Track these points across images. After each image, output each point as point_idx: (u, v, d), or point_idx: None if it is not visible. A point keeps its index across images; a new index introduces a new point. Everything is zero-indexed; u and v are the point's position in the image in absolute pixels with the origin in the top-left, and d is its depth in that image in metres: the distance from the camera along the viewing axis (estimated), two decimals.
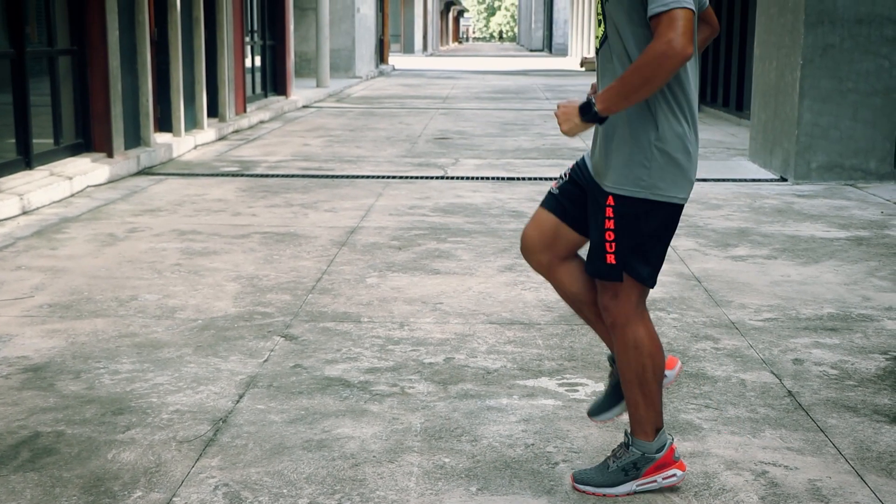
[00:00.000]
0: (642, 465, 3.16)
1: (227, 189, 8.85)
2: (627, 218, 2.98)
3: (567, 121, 2.94)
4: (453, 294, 5.45)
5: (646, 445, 3.15)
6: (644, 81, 2.74)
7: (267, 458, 3.40)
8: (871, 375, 4.24)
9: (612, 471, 3.17)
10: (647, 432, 3.15)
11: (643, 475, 3.17)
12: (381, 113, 16.89)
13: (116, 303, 5.21)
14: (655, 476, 3.17)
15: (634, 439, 3.17)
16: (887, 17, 9.15)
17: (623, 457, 3.17)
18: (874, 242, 6.81)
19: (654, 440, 3.15)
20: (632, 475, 3.16)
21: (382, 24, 33.65)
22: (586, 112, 2.88)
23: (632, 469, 3.16)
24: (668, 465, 3.17)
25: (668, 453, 3.17)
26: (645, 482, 3.17)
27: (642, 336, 3.09)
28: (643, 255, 3.03)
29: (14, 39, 8.32)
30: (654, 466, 3.16)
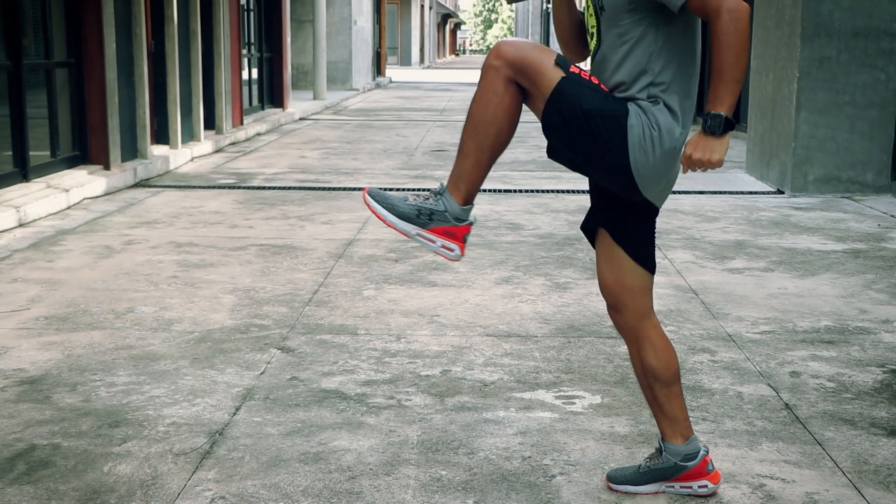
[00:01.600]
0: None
1: (224, 201, 8.85)
2: None
3: (711, 151, 2.82)
4: (450, 306, 5.44)
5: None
6: (738, 54, 2.73)
7: (263, 471, 3.39)
8: (868, 388, 4.24)
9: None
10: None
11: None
12: (378, 125, 16.91)
13: (113, 315, 5.21)
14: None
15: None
16: (884, 30, 9.17)
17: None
18: (871, 255, 6.81)
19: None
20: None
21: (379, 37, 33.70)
22: (717, 127, 2.79)
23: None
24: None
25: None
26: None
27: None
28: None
29: (11, 51, 8.32)
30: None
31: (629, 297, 3.13)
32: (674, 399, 3.18)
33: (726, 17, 2.71)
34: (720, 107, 2.77)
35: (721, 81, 2.76)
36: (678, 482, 3.22)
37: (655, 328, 3.18)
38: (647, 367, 3.17)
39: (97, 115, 9.61)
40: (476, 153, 3.01)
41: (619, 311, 3.17)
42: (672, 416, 3.19)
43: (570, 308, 5.39)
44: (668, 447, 3.21)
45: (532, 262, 6.48)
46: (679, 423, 3.20)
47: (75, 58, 9.46)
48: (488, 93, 2.94)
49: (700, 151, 2.80)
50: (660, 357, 3.15)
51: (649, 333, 3.16)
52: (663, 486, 3.23)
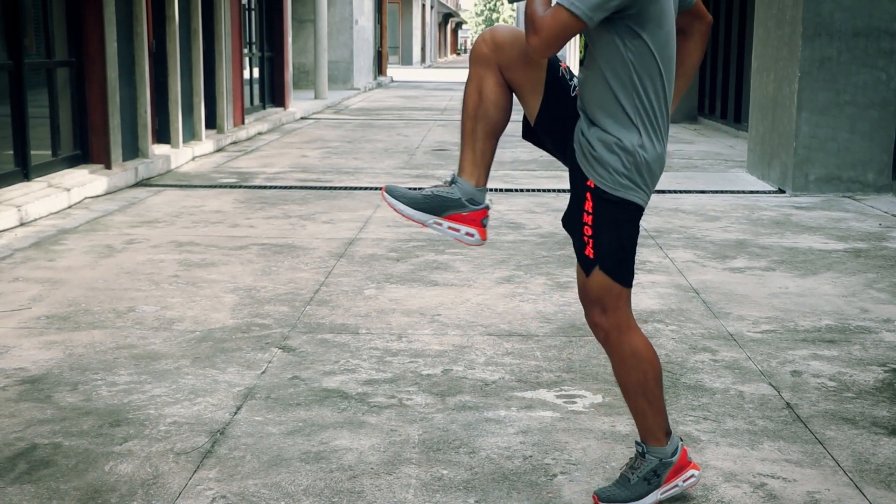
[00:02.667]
0: (662, 471, 3.15)
1: (225, 200, 8.85)
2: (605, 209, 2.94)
3: None
4: (451, 305, 5.44)
5: (661, 451, 3.15)
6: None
7: (264, 470, 3.39)
8: (869, 387, 4.24)
9: (635, 483, 3.15)
10: (660, 438, 3.14)
11: (665, 482, 3.16)
12: (380, 125, 16.90)
13: (114, 314, 5.21)
14: (676, 480, 3.16)
15: (648, 447, 3.16)
16: (884, 29, 9.17)
17: (641, 467, 3.15)
18: (872, 254, 6.81)
19: (668, 444, 3.15)
20: (654, 483, 3.15)
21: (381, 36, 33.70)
22: None
23: (653, 477, 3.15)
24: (686, 468, 3.18)
25: (682, 455, 3.18)
26: (668, 488, 3.16)
27: (638, 344, 3.07)
28: (622, 250, 3.00)
29: (12, 51, 8.32)
30: (673, 471, 3.16)
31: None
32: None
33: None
34: None
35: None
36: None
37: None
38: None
39: (98, 115, 9.61)
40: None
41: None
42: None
43: (571, 307, 5.39)
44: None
45: (533, 262, 6.48)
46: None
47: (76, 57, 9.46)
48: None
49: None
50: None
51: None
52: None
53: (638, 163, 2.89)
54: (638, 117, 2.88)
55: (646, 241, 7.07)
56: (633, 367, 3.08)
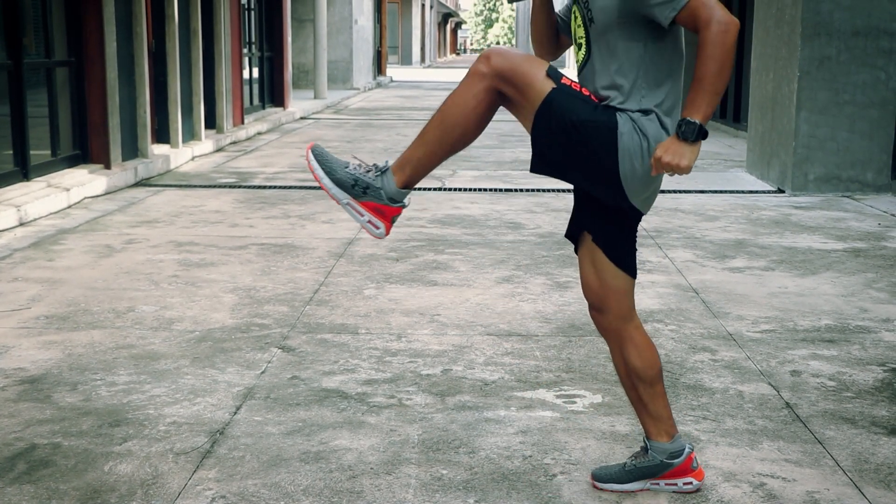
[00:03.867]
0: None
1: (225, 200, 8.85)
2: None
3: (679, 156, 2.80)
4: (451, 305, 5.44)
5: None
6: (721, 67, 2.74)
7: (264, 470, 3.39)
8: (868, 387, 4.24)
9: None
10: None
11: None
12: (379, 124, 16.91)
13: (113, 314, 5.21)
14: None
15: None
16: (883, 29, 9.17)
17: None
18: (871, 254, 6.81)
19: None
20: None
21: (380, 36, 33.70)
22: (691, 134, 2.78)
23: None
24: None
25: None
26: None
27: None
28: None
29: (11, 51, 8.32)
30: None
31: (613, 299, 3.15)
32: (657, 398, 3.21)
33: (715, 28, 2.72)
34: (696, 115, 2.78)
35: (701, 90, 2.77)
36: (663, 479, 3.23)
37: (638, 329, 3.20)
38: (630, 367, 3.19)
39: (98, 114, 9.61)
40: (434, 146, 3.04)
41: (603, 312, 3.19)
42: (656, 415, 3.22)
43: (570, 307, 5.39)
44: (653, 445, 3.23)
45: (533, 262, 6.48)
46: (663, 421, 3.22)
47: (76, 57, 9.46)
48: (467, 94, 2.97)
49: (670, 155, 2.80)
50: (643, 357, 3.18)
51: (632, 334, 3.18)
52: (648, 484, 3.24)
53: None
54: None
55: (645, 241, 7.07)
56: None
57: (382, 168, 3.08)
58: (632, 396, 3.26)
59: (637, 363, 3.17)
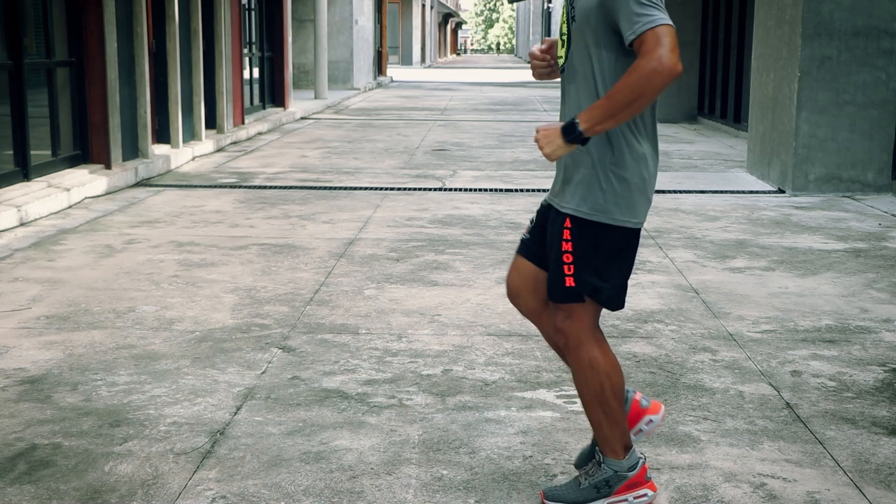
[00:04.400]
0: (614, 483, 3.12)
1: (225, 200, 8.85)
2: (585, 240, 2.95)
3: (549, 143, 2.84)
4: (451, 306, 5.44)
5: (617, 464, 3.11)
6: (634, 99, 2.68)
7: (264, 471, 3.39)
8: (869, 387, 4.24)
9: (585, 488, 3.14)
10: (617, 451, 3.11)
11: (615, 493, 3.13)
12: (379, 125, 16.91)
13: (114, 314, 5.21)
14: (627, 495, 3.13)
15: (606, 458, 3.13)
16: (884, 29, 9.17)
17: (595, 474, 3.14)
18: (872, 254, 6.81)
19: (625, 458, 3.12)
20: (604, 493, 3.13)
21: (381, 36, 33.70)
22: (570, 132, 2.78)
23: (604, 487, 3.13)
24: (640, 485, 3.14)
25: (640, 472, 3.14)
26: (616, 500, 3.13)
27: (597, 355, 3.04)
28: (601, 275, 2.98)
29: (12, 51, 8.32)
30: (626, 485, 3.13)
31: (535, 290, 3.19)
32: None
33: (653, 64, 2.65)
34: (585, 123, 2.76)
35: (604, 105, 2.73)
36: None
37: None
38: None
39: (98, 115, 9.61)
40: (607, 417, 3.07)
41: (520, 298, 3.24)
42: None
43: None
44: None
45: None
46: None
47: (76, 57, 9.46)
48: (587, 359, 3.04)
49: (543, 137, 2.85)
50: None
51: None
52: None
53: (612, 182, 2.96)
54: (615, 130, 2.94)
55: (646, 241, 7.07)
56: (591, 378, 3.05)
57: (599, 459, 3.13)
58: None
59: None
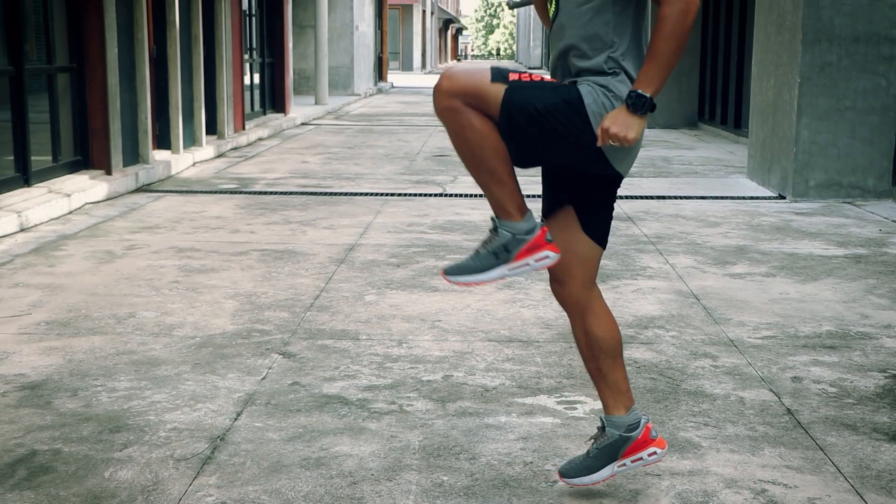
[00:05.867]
0: (513, 246, 3.02)
1: (226, 206, 8.86)
2: None
3: (627, 127, 2.81)
4: (452, 311, 5.44)
5: (514, 226, 3.01)
6: (677, 45, 2.77)
7: (265, 477, 3.38)
8: (870, 393, 4.23)
9: (483, 255, 3.04)
10: (511, 211, 3.02)
11: (515, 258, 3.03)
12: (380, 130, 16.91)
13: (114, 320, 5.20)
14: (527, 258, 3.03)
15: (501, 221, 3.04)
16: (884, 35, 9.18)
17: (492, 241, 3.04)
18: (872, 260, 6.81)
19: (523, 220, 3.03)
20: (503, 258, 3.02)
21: (381, 42, 33.73)
22: (640, 106, 2.80)
23: (502, 252, 3.02)
24: (540, 247, 3.04)
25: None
26: (517, 265, 3.04)
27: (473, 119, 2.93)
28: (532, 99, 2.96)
29: (13, 56, 8.33)
30: (527, 248, 3.03)
31: (578, 268, 3.15)
32: (617, 369, 3.22)
33: (678, 6, 2.75)
34: (648, 88, 2.81)
35: (656, 65, 2.79)
36: (628, 457, 3.22)
37: (598, 299, 3.22)
38: (592, 337, 3.19)
39: (99, 120, 9.62)
40: (488, 174, 2.99)
41: (565, 283, 3.18)
42: (615, 387, 3.22)
43: None
44: (610, 420, 3.22)
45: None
46: (622, 393, 3.23)
47: (77, 62, 9.47)
48: (452, 117, 2.93)
49: (618, 126, 2.81)
50: (604, 327, 3.19)
51: (593, 304, 3.20)
52: (615, 468, 3.22)
53: None
54: None
55: (646, 247, 7.07)
56: (470, 137, 2.96)
57: (494, 225, 3.04)
58: (591, 368, 3.25)
59: (598, 332, 3.18)
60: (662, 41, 2.77)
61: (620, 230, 7.64)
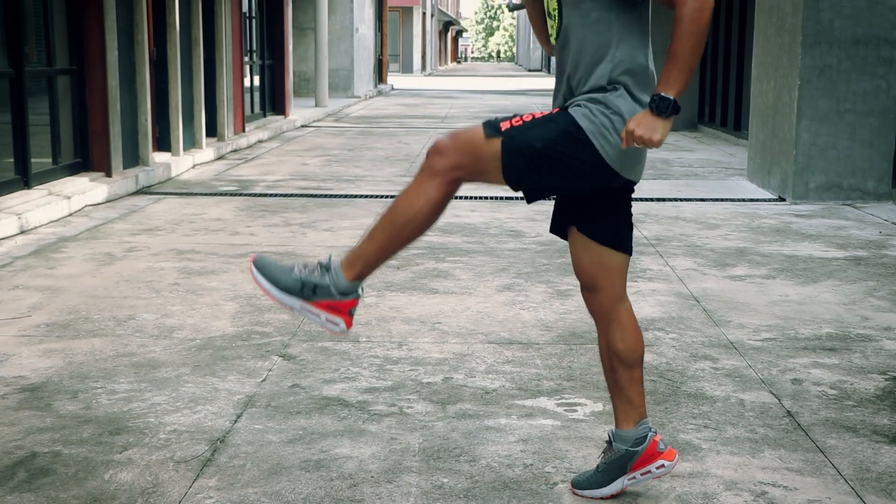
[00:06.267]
0: (320, 293, 3.01)
1: (226, 208, 8.86)
2: None
3: (652, 130, 2.82)
4: (452, 314, 5.44)
5: (338, 277, 3.00)
6: (695, 43, 2.79)
7: (265, 479, 3.38)
8: (870, 395, 4.23)
9: (296, 278, 3.02)
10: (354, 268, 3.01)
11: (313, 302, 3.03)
12: (380, 132, 16.92)
13: (114, 322, 5.20)
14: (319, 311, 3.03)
15: (334, 265, 3.02)
16: (884, 38, 9.18)
17: (312, 275, 3.02)
18: (872, 262, 6.81)
19: (350, 281, 3.01)
20: (305, 294, 3.01)
21: (381, 44, 33.74)
22: (665, 108, 2.81)
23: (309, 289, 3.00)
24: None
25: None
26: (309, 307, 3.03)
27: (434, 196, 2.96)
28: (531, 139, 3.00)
29: (13, 58, 8.33)
30: (327, 304, 3.02)
31: (605, 278, 3.17)
32: (634, 384, 3.22)
33: (691, 5, 2.77)
34: (671, 90, 2.82)
35: (675, 67, 2.81)
36: (637, 470, 3.23)
37: (627, 311, 3.21)
38: (613, 349, 3.20)
39: (99, 122, 9.62)
40: (385, 242, 2.99)
41: (595, 292, 3.19)
42: (628, 401, 3.22)
43: (571, 315, 5.38)
44: (617, 434, 3.23)
45: (534, 270, 6.48)
46: (635, 408, 3.23)
47: (77, 65, 9.47)
48: (418, 194, 2.95)
49: (643, 129, 2.82)
50: (627, 341, 3.19)
51: (621, 316, 3.19)
52: (626, 480, 3.23)
53: None
54: None
55: (646, 249, 7.07)
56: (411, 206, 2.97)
57: (326, 265, 3.02)
58: (609, 378, 3.27)
59: (619, 345, 3.19)
60: (679, 42, 2.78)
61: None
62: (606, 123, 2.91)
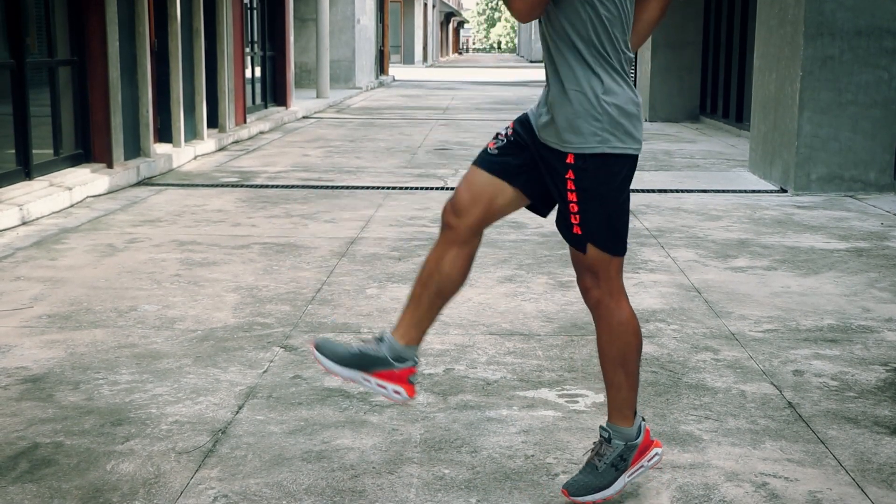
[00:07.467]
0: (628, 454, 3.14)
1: (227, 200, 8.86)
2: (588, 178, 2.94)
3: None
4: (453, 305, 5.43)
5: (626, 432, 3.13)
6: None
7: (266, 470, 3.39)
8: (871, 387, 4.24)
9: (603, 470, 3.13)
10: (628, 416, 3.13)
11: (631, 464, 3.15)
12: (381, 124, 16.91)
13: (116, 313, 5.21)
14: (641, 461, 3.17)
15: (615, 428, 3.13)
16: (886, 29, 9.16)
17: (608, 453, 3.13)
18: (874, 254, 6.80)
19: (633, 424, 3.14)
20: (622, 468, 3.14)
21: (382, 35, 33.70)
22: None
23: (620, 462, 3.13)
24: (649, 447, 3.19)
25: (645, 435, 3.19)
26: (634, 471, 3.16)
27: (628, 313, 3.08)
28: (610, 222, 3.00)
29: (14, 50, 8.33)
30: (639, 451, 3.15)
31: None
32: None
33: None
34: None
35: None
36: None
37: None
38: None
39: (100, 114, 9.61)
40: (628, 379, 3.09)
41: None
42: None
43: (573, 306, 5.39)
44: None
45: (535, 261, 6.48)
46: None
47: (78, 56, 9.46)
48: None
49: None
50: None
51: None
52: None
53: (607, 109, 2.90)
54: (598, 66, 2.91)
55: (648, 241, 7.07)
56: (619, 337, 3.07)
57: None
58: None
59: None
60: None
61: None
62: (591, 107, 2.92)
